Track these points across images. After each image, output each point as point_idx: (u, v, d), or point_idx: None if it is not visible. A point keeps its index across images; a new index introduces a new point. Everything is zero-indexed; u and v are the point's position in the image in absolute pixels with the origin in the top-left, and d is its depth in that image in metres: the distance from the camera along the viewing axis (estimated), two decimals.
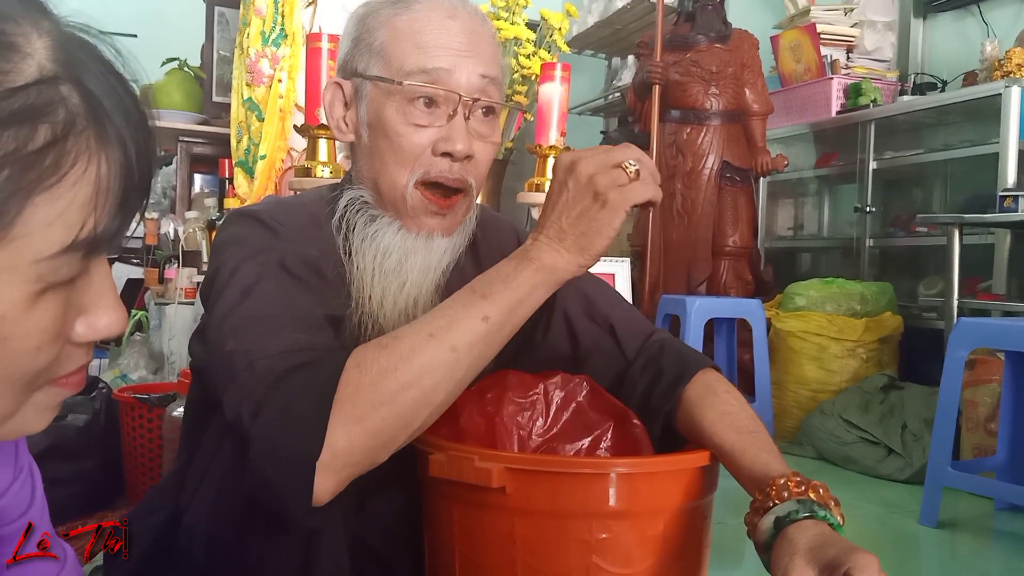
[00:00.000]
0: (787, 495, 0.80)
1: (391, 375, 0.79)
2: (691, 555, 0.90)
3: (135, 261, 4.07)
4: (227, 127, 3.25)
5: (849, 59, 4.07)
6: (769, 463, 0.85)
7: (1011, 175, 3.09)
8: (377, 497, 0.98)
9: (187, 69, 3.90)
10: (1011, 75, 3.18)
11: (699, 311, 3.01)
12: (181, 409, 1.83)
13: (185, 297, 3.06)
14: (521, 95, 3.52)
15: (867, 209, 3.73)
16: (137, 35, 3.50)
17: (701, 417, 0.94)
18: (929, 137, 3.77)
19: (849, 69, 4.01)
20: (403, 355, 0.81)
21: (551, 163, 2.13)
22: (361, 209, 1.03)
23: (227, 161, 3.34)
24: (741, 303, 3.21)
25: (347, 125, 1.06)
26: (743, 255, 3.59)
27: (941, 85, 3.76)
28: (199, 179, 4.12)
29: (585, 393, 0.99)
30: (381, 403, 0.79)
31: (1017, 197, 2.68)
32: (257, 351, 0.82)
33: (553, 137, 2.22)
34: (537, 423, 0.96)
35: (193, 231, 3.38)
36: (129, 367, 2.96)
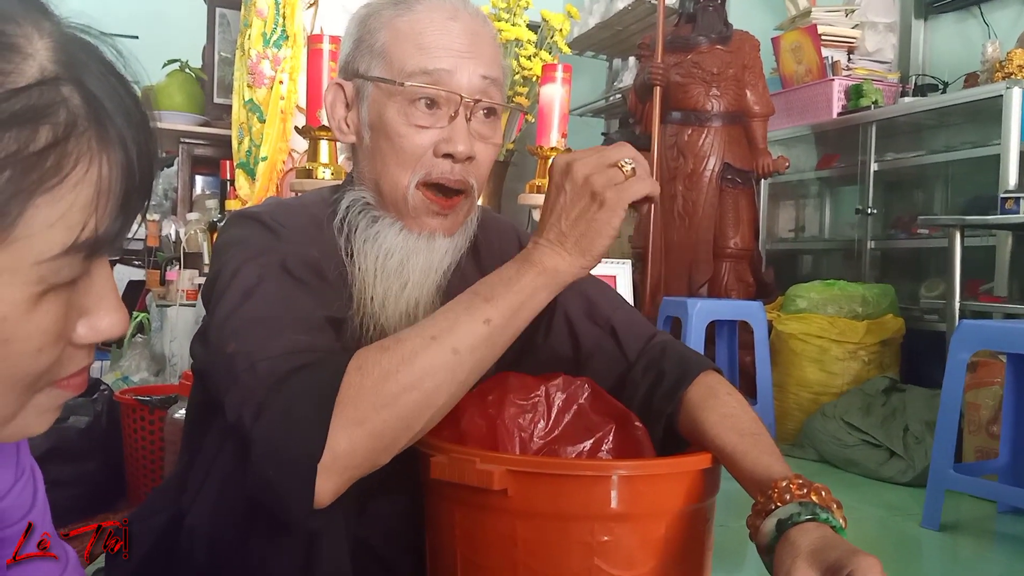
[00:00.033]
0: (789, 497, 0.79)
1: (393, 377, 0.79)
2: (693, 557, 0.90)
3: (136, 263, 4.08)
4: (228, 129, 3.25)
5: (850, 60, 4.06)
6: (771, 465, 0.85)
7: (1012, 177, 3.08)
8: (379, 499, 0.98)
9: (188, 71, 3.91)
10: (1012, 76, 3.18)
11: (700, 313, 3.00)
12: (182, 411, 1.83)
13: (186, 299, 3.06)
14: (522, 96, 3.53)
15: (868, 211, 3.73)
16: (138, 36, 3.49)
17: (703, 419, 0.93)
18: (930, 139, 3.77)
19: (850, 70, 4.01)
20: (405, 357, 0.80)
21: None
22: (363, 210, 1.03)
23: (228, 163, 3.35)
24: (742, 305, 3.21)
25: (348, 126, 1.06)
26: (744, 257, 3.58)
27: (942, 86, 3.76)
28: (200, 181, 4.12)
29: (587, 395, 0.99)
30: (383, 405, 0.78)
31: (1018, 199, 2.68)
32: (258, 353, 0.82)
33: (554, 138, 2.23)
34: (539, 425, 0.96)
35: (194, 233, 3.38)
36: (130, 369, 2.96)
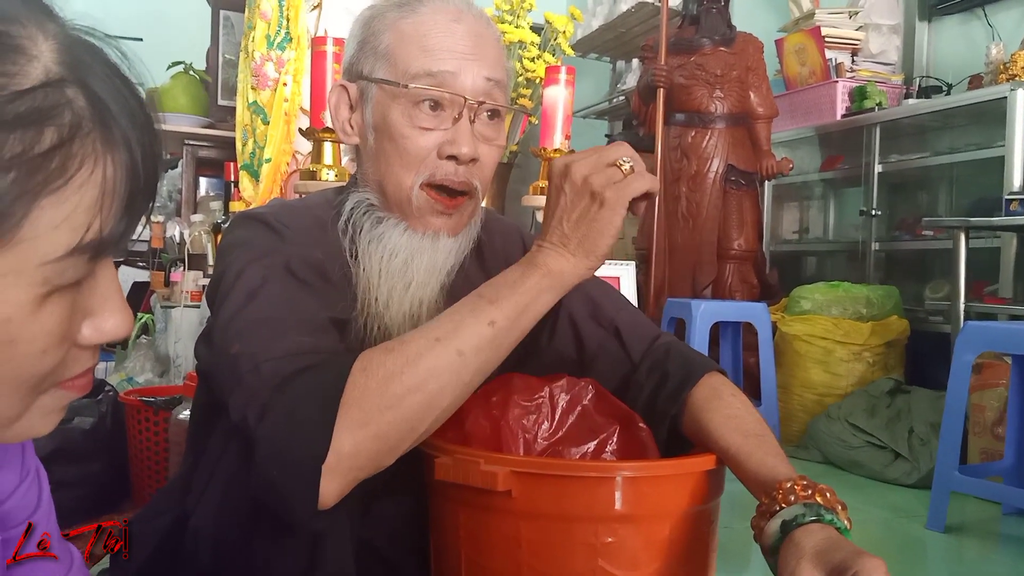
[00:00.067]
0: (794, 499, 0.79)
1: (397, 379, 0.79)
2: (697, 559, 0.90)
3: (141, 264, 4.08)
4: (232, 130, 3.26)
5: (854, 62, 4.06)
6: (775, 467, 0.85)
7: (1017, 178, 3.07)
8: (383, 500, 0.98)
9: (192, 73, 3.92)
10: (1016, 78, 3.17)
11: (704, 315, 3.00)
12: (187, 412, 1.83)
13: (191, 300, 3.07)
14: (526, 98, 3.53)
15: (873, 212, 3.72)
16: (142, 38, 3.48)
17: (707, 421, 0.93)
18: (934, 140, 3.76)
19: (854, 72, 4.00)
20: (409, 359, 0.80)
21: None
22: (367, 211, 1.03)
23: (232, 164, 3.35)
24: (746, 307, 3.20)
25: (352, 128, 1.06)
26: (748, 258, 3.58)
27: (946, 88, 3.76)
28: (204, 182, 4.14)
29: (591, 396, 0.99)
30: (387, 407, 0.78)
31: (1023, 200, 2.67)
32: (262, 354, 0.82)
33: (558, 140, 2.23)
34: (543, 426, 0.96)
35: (199, 234, 3.38)
36: (135, 370, 2.97)
